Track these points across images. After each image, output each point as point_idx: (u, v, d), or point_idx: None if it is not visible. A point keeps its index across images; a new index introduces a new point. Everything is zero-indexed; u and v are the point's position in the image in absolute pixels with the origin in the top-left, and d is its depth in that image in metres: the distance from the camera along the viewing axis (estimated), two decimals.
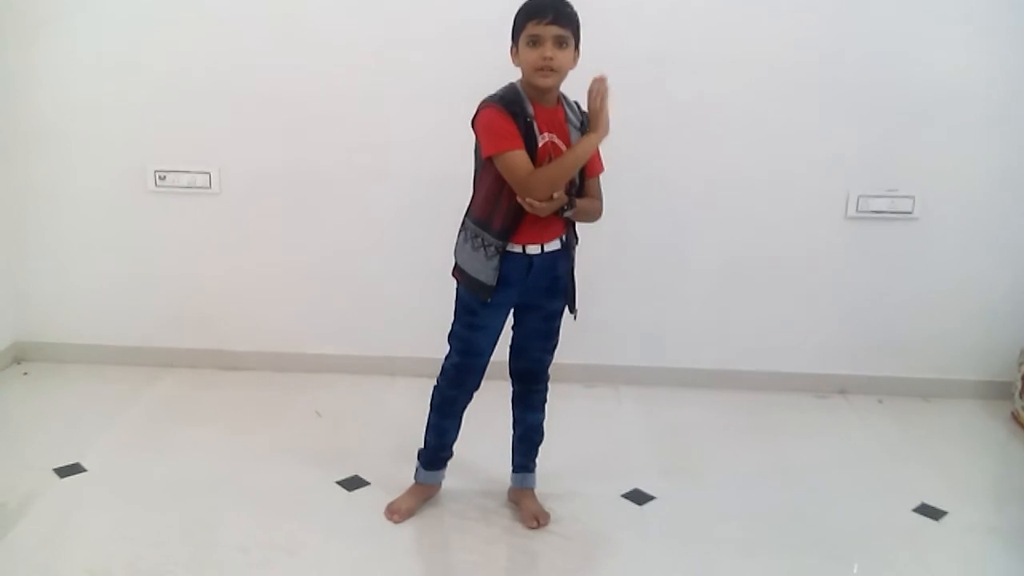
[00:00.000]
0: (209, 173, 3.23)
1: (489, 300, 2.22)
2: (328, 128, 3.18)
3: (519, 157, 2.08)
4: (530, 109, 2.11)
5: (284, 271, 3.34)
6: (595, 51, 2.94)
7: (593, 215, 2.29)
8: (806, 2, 3.02)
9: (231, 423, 2.98)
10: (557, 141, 2.14)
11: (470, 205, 2.24)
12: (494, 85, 2.15)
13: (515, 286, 2.24)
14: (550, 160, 2.11)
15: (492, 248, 2.17)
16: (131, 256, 3.34)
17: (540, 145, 2.12)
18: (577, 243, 2.34)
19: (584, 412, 3.16)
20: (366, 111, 3.15)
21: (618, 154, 3.10)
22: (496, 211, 2.15)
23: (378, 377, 3.27)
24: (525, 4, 2.10)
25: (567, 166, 2.10)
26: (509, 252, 2.18)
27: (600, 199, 2.30)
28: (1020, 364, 3.18)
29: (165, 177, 3.24)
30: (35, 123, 3.22)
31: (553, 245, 2.24)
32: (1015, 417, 3.16)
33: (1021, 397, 3.13)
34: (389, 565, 2.26)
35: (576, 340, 3.29)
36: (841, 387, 3.36)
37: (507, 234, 2.16)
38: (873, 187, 3.17)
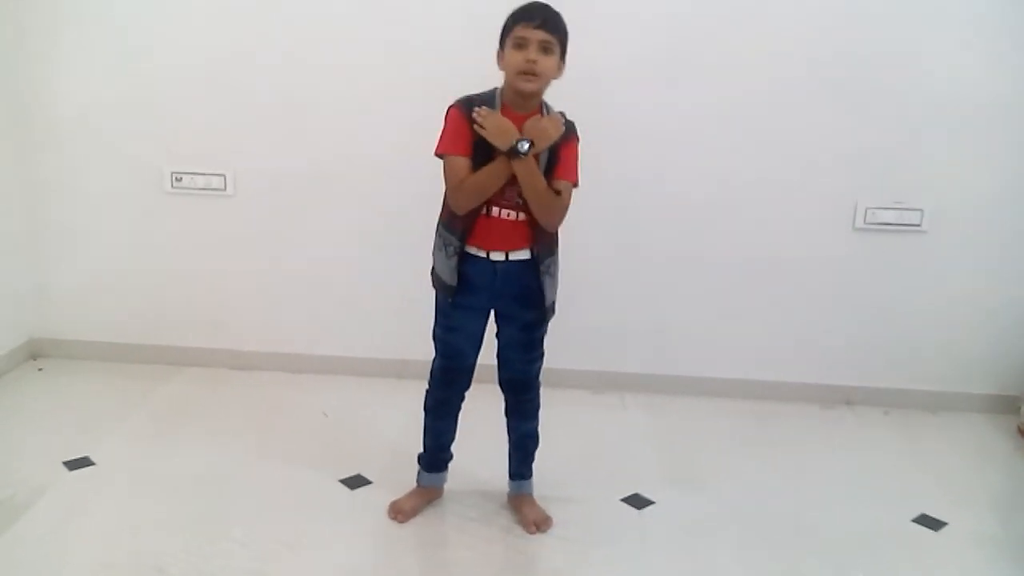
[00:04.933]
0: (224, 175, 3.28)
1: (452, 300, 2.26)
2: (342, 131, 3.21)
3: (456, 163, 2.13)
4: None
5: (296, 273, 3.37)
6: (602, 57, 3.00)
7: (546, 203, 2.14)
8: (814, 11, 3.03)
9: (239, 422, 3.02)
10: None
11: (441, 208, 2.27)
12: None
13: (482, 291, 2.26)
14: None
15: (451, 248, 2.21)
16: (147, 256, 3.39)
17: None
18: (552, 256, 2.27)
19: (589, 418, 3.18)
20: (380, 114, 3.17)
21: (625, 160, 3.17)
22: (455, 213, 2.19)
23: (387, 380, 3.29)
24: (516, 8, 2.13)
25: (485, 181, 2.11)
26: (472, 255, 2.22)
27: (561, 203, 2.17)
28: None
29: (181, 179, 3.29)
30: (54, 122, 3.27)
31: (520, 255, 2.24)
32: (1021, 431, 3.15)
33: None
34: (386, 560, 2.30)
35: (583, 346, 3.35)
36: (847, 398, 3.36)
37: (465, 235, 2.19)
38: (881, 199, 3.18)
